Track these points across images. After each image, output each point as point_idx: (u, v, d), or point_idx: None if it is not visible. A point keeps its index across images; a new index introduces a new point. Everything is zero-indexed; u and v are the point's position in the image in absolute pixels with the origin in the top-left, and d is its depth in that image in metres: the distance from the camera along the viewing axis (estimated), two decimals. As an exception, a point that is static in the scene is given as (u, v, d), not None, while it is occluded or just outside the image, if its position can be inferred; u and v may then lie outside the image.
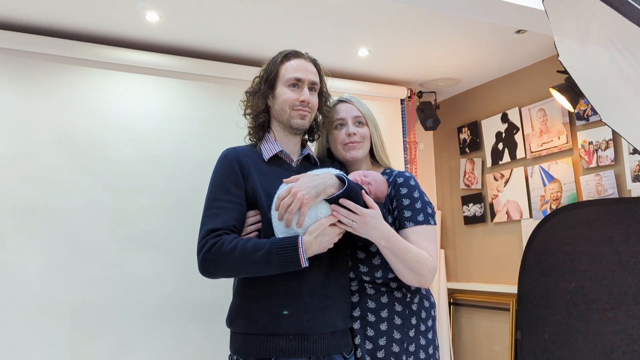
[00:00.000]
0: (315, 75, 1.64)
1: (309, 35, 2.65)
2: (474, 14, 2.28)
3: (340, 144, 1.73)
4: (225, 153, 1.62)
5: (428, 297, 1.69)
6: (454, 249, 3.72)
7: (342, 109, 1.76)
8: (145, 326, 2.48)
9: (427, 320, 1.65)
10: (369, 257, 1.61)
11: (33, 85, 2.43)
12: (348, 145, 1.72)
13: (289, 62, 1.61)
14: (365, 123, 1.76)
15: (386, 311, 1.60)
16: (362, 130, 1.74)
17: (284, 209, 1.39)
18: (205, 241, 1.45)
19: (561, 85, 2.70)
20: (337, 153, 1.76)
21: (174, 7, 2.31)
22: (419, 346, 1.60)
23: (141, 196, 2.56)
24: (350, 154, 1.72)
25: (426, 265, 1.52)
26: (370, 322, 1.59)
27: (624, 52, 1.65)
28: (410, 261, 1.50)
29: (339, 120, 1.74)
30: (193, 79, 2.77)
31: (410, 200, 1.63)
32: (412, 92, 3.52)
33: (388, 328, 1.58)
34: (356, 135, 1.72)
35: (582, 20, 1.73)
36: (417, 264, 1.51)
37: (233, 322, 1.53)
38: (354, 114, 1.75)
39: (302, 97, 1.59)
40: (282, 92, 1.60)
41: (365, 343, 1.59)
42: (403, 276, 1.54)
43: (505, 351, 3.25)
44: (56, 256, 2.36)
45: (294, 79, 1.59)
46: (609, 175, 2.71)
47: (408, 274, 1.52)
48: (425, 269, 1.52)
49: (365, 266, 1.62)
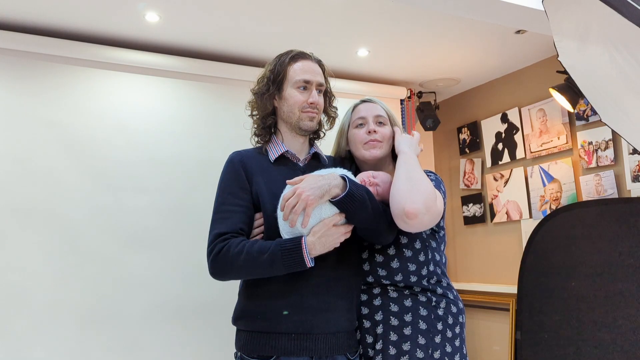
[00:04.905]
0: (322, 76, 1.65)
1: (309, 35, 2.65)
2: (474, 14, 2.28)
3: (360, 143, 1.68)
4: (231, 157, 1.63)
5: (456, 302, 1.61)
6: (454, 249, 3.72)
7: (363, 108, 1.72)
8: (146, 325, 2.48)
9: (455, 326, 1.57)
10: (387, 260, 1.58)
11: (33, 86, 2.43)
12: (368, 143, 1.66)
13: (296, 63, 1.61)
14: (386, 123, 1.71)
15: (410, 315, 1.53)
16: (384, 130, 1.69)
17: (288, 210, 1.39)
18: (213, 245, 1.47)
19: (561, 85, 2.71)
20: (357, 152, 1.70)
21: (173, 7, 2.31)
22: (445, 353, 1.52)
23: (141, 196, 2.56)
24: (370, 152, 1.66)
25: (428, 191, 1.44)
26: (393, 326, 1.53)
27: (624, 52, 1.64)
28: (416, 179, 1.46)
29: (360, 119, 1.70)
30: (193, 79, 2.77)
31: (432, 174, 1.64)
32: (411, 92, 3.52)
33: (412, 332, 1.51)
34: (377, 134, 1.66)
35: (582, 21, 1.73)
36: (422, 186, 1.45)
37: (238, 321, 1.55)
38: (376, 113, 1.70)
39: (311, 99, 1.60)
40: (291, 94, 1.60)
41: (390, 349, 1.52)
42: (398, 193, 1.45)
43: (505, 351, 3.25)
44: (57, 256, 2.36)
45: (302, 82, 1.59)
46: (609, 176, 2.71)
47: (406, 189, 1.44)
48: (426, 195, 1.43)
49: (383, 270, 1.58)
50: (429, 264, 1.59)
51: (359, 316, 1.60)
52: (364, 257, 1.62)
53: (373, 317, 1.57)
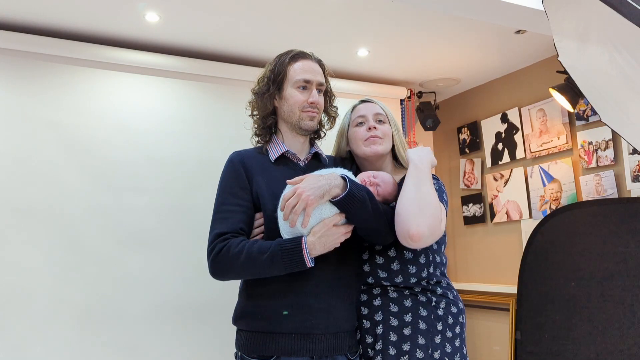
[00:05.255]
0: (322, 75, 1.66)
1: (309, 35, 2.65)
2: (474, 14, 2.28)
3: (361, 140, 1.69)
4: (231, 157, 1.63)
5: (456, 302, 1.62)
6: (453, 249, 3.72)
7: (362, 107, 1.75)
8: (146, 325, 2.48)
9: (455, 326, 1.57)
10: (388, 261, 1.58)
11: (33, 85, 2.43)
12: (369, 139, 1.68)
13: (297, 63, 1.62)
14: (386, 122, 1.73)
15: (410, 315, 1.54)
16: (384, 127, 1.71)
17: (289, 210, 1.40)
18: (213, 245, 1.48)
19: (561, 85, 2.71)
20: (358, 149, 1.71)
21: (173, 7, 2.31)
22: (445, 353, 1.52)
23: (141, 196, 2.56)
24: (371, 148, 1.67)
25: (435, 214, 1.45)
26: (392, 326, 1.54)
27: (623, 52, 1.64)
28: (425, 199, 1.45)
29: (360, 117, 1.72)
30: (193, 79, 2.77)
31: (436, 182, 1.63)
32: (411, 92, 3.52)
33: (412, 333, 1.52)
34: (377, 130, 1.68)
35: (582, 21, 1.73)
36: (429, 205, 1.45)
37: (238, 320, 1.55)
38: (375, 111, 1.73)
39: (311, 98, 1.60)
40: (291, 94, 1.60)
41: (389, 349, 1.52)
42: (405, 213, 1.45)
43: (505, 351, 3.25)
44: (56, 256, 2.36)
45: (302, 81, 1.60)
46: (609, 176, 2.71)
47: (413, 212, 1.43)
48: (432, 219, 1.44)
49: (384, 271, 1.58)
50: (429, 266, 1.59)
51: (359, 316, 1.60)
52: (365, 258, 1.62)
53: (373, 318, 1.57)
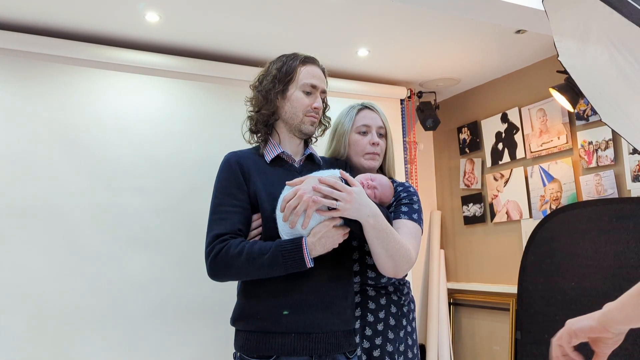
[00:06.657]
0: (325, 84, 1.68)
1: (308, 35, 2.65)
2: (474, 14, 2.28)
3: (362, 153, 1.73)
4: (227, 158, 1.62)
5: (413, 298, 1.76)
6: (453, 249, 3.72)
7: (368, 116, 1.77)
8: (146, 325, 2.48)
9: (412, 321, 1.72)
10: None
11: (33, 86, 2.43)
12: (370, 154, 1.73)
13: (306, 67, 1.62)
14: (385, 135, 1.78)
15: (383, 312, 1.65)
16: (382, 143, 1.76)
17: (289, 211, 1.40)
18: (212, 247, 1.47)
19: (561, 85, 2.71)
20: (356, 159, 1.74)
21: (173, 7, 2.31)
22: (407, 346, 1.67)
23: (141, 196, 2.56)
24: (369, 163, 1.73)
25: (406, 256, 1.47)
26: (369, 322, 1.64)
27: (624, 52, 1.64)
28: (393, 247, 1.44)
29: (365, 126, 1.74)
30: (193, 79, 2.77)
31: (409, 200, 1.65)
32: (411, 92, 3.52)
33: (384, 328, 1.63)
34: (378, 147, 1.74)
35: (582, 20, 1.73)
36: (398, 251, 1.45)
37: (237, 321, 1.55)
38: (379, 124, 1.77)
39: (315, 103, 1.61)
40: (298, 96, 1.60)
41: (363, 342, 1.63)
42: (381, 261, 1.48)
43: (505, 351, 3.25)
44: (56, 256, 2.36)
45: (310, 86, 1.61)
46: (609, 175, 2.71)
47: (386, 260, 1.46)
48: (404, 259, 1.47)
49: (373, 272, 1.63)
50: None
51: None
52: (354, 258, 1.67)
53: None
